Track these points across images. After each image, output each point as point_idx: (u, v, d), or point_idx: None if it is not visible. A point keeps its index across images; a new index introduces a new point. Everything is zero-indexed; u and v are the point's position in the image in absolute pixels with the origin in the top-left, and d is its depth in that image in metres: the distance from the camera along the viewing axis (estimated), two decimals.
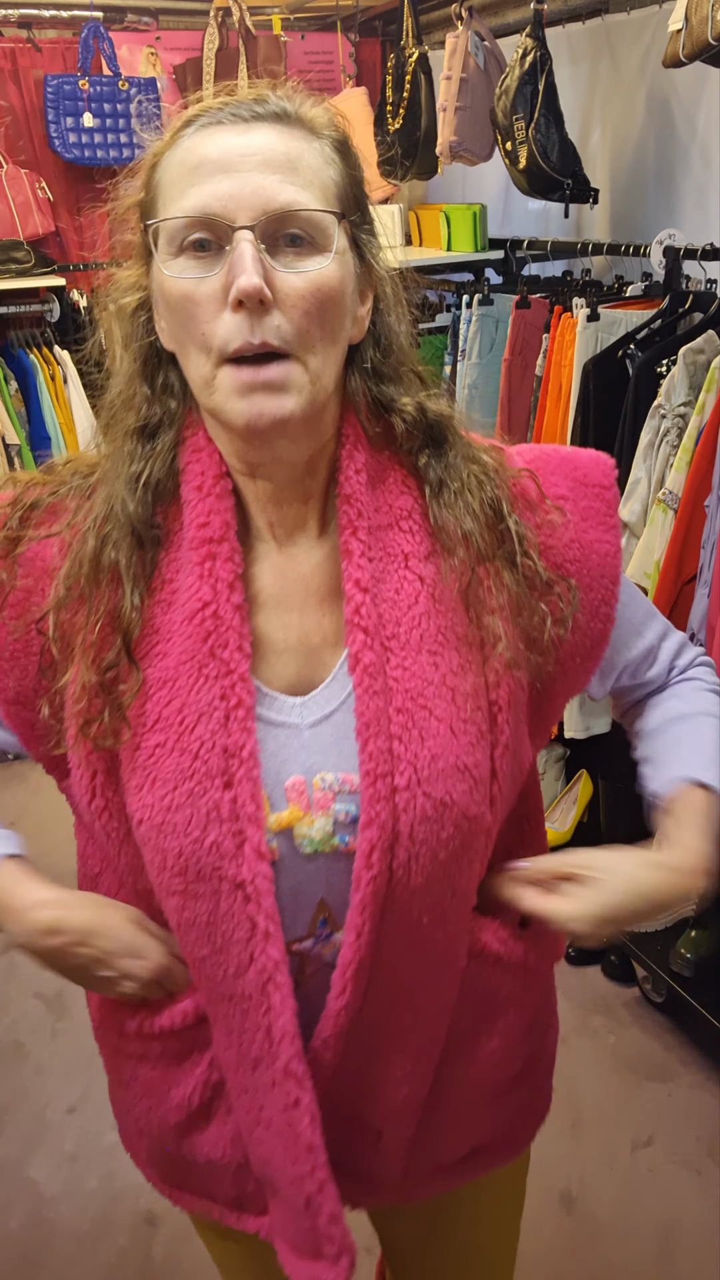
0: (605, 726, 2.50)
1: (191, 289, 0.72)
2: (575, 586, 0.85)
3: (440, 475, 0.82)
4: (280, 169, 0.71)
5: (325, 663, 0.82)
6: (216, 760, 0.76)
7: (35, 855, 2.20)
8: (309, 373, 0.73)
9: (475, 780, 0.79)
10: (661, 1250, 1.84)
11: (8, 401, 3.21)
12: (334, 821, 0.79)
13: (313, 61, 3.69)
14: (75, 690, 0.80)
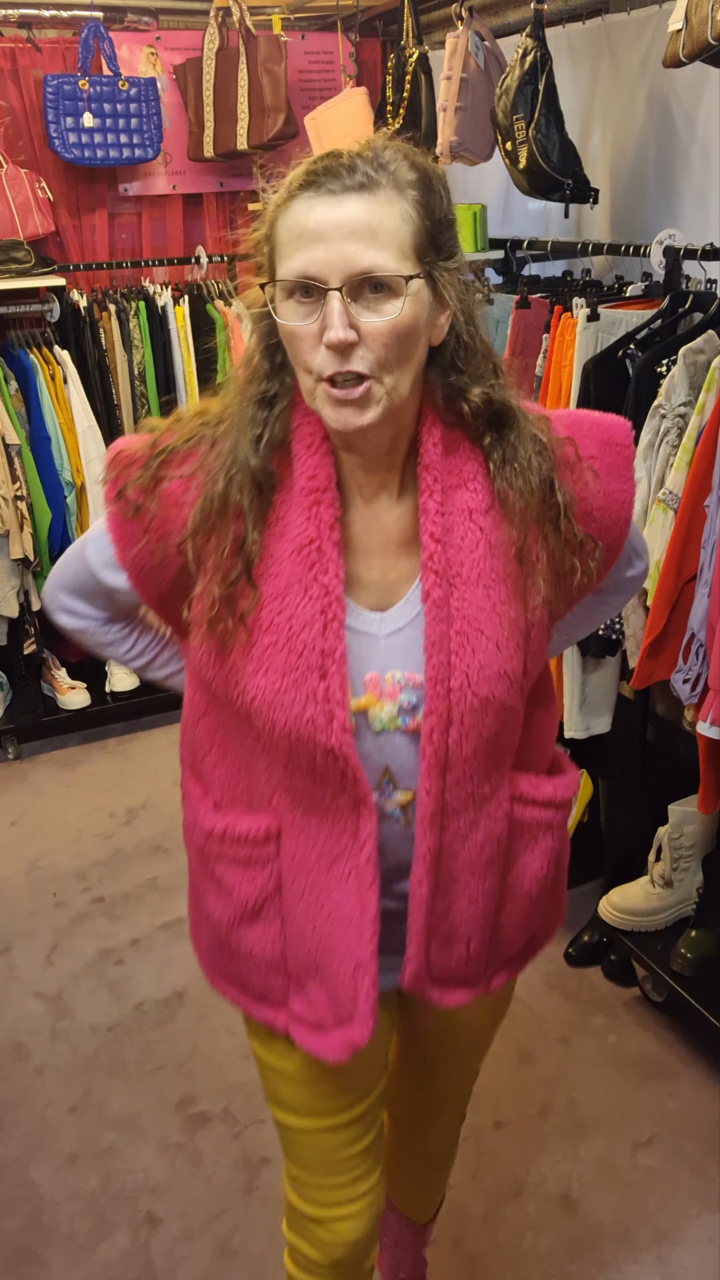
0: (605, 726, 2.50)
1: (297, 329, 0.93)
2: (601, 546, 1.08)
3: (502, 453, 1.03)
4: (363, 237, 0.90)
5: (399, 590, 1.06)
6: (315, 658, 1.01)
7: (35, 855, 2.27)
8: (385, 387, 0.95)
9: (511, 681, 1.05)
10: (661, 1251, 1.84)
11: (8, 401, 3.21)
12: (399, 708, 1.05)
13: (313, 61, 3.69)
14: (205, 599, 1.03)
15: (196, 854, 1.19)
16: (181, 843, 2.79)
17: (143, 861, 2.99)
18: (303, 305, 0.93)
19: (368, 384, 0.93)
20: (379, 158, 0.92)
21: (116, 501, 1.06)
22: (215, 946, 1.21)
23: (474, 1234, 1.88)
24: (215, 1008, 2.43)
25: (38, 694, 3.63)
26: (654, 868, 2.35)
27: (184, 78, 3.48)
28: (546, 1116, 2.11)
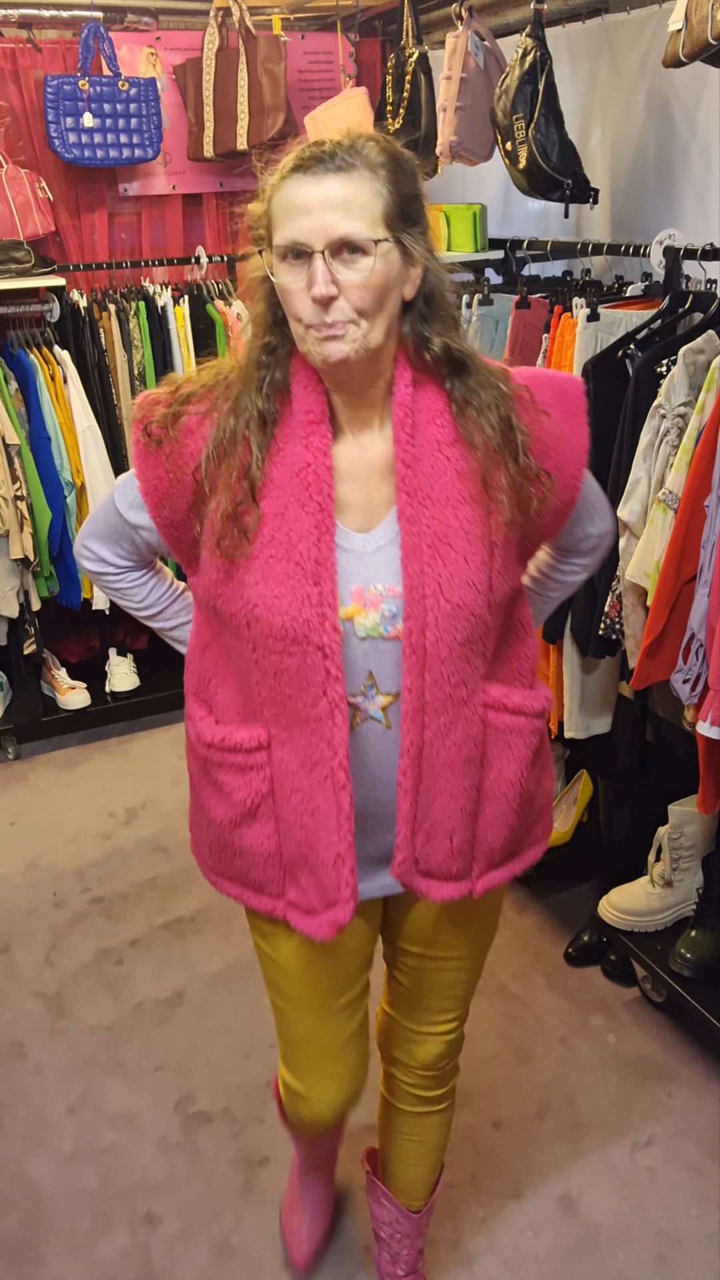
0: (605, 726, 2.50)
1: (289, 285, 1.12)
2: (554, 479, 1.24)
3: (463, 394, 1.20)
4: (340, 210, 1.09)
5: (380, 514, 1.22)
6: (310, 567, 1.17)
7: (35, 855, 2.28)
8: (360, 330, 1.12)
9: (479, 591, 1.20)
10: (661, 1252, 1.84)
11: (8, 401, 3.21)
12: (381, 616, 1.20)
13: (313, 61, 3.69)
14: (215, 518, 1.20)
15: (199, 766, 1.35)
16: (180, 842, 2.83)
17: (142, 861, 2.99)
18: (294, 266, 1.12)
19: (344, 327, 1.12)
20: (355, 145, 1.11)
21: (141, 436, 1.23)
22: (217, 849, 1.38)
23: (473, 1234, 1.88)
24: (214, 1007, 2.43)
25: (38, 694, 3.63)
26: (654, 868, 2.35)
27: (184, 78, 3.48)
28: (546, 1117, 2.11)
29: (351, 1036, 1.45)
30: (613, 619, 2.20)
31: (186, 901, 2.81)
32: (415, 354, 1.20)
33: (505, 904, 2.73)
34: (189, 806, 1.46)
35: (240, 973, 2.54)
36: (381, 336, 1.15)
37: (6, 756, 3.58)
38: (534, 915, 2.69)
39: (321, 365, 1.15)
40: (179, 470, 1.21)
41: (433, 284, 1.19)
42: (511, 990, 2.44)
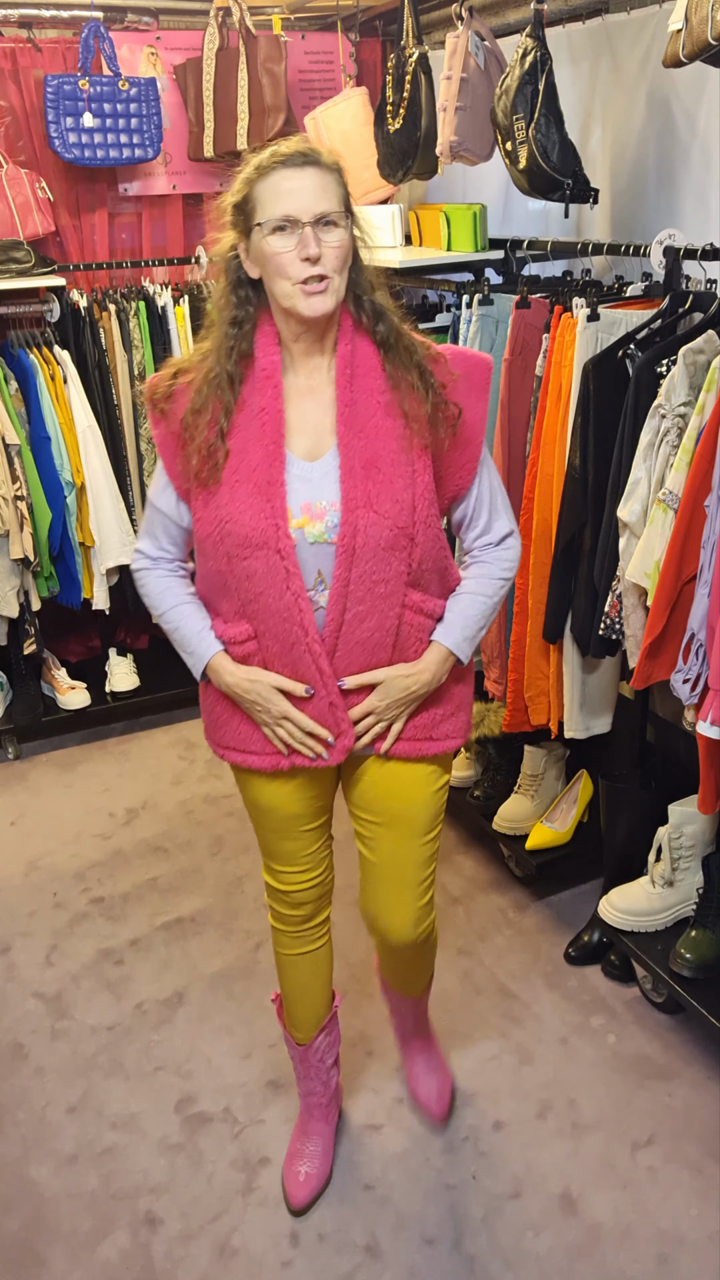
0: (605, 726, 2.50)
1: (282, 249, 1.43)
2: (461, 409, 1.55)
3: (385, 336, 1.53)
4: (317, 192, 1.43)
5: (326, 445, 1.53)
6: (264, 488, 1.50)
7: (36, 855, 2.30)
8: (335, 285, 1.45)
9: (402, 505, 1.52)
10: (662, 1251, 1.84)
11: (8, 401, 3.21)
12: (325, 525, 1.51)
13: (313, 61, 3.69)
14: (195, 459, 1.53)
15: None
16: (180, 843, 2.84)
17: (142, 862, 2.99)
18: (284, 237, 1.42)
19: (326, 281, 1.44)
20: (314, 149, 1.44)
21: (151, 409, 1.58)
22: (220, 724, 1.71)
23: (473, 1234, 1.88)
24: (215, 1008, 2.44)
25: (38, 694, 3.63)
26: (654, 868, 2.35)
27: (184, 78, 3.48)
28: (546, 1117, 2.11)
29: (315, 851, 1.80)
30: (613, 619, 2.20)
31: (187, 902, 2.81)
32: (355, 312, 1.53)
33: (505, 903, 2.73)
34: (200, 702, 1.78)
35: (240, 973, 2.54)
36: (343, 293, 1.48)
37: (7, 756, 3.58)
38: (534, 915, 2.69)
39: (308, 317, 1.45)
40: (175, 426, 1.55)
41: (361, 258, 1.53)
42: (511, 990, 2.44)
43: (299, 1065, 2.00)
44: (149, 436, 3.46)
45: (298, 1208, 1.94)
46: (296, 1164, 1.99)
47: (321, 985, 1.94)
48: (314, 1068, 1.99)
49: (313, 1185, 1.96)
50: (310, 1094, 2.02)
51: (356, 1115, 2.14)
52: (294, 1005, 1.95)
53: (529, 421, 2.44)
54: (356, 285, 1.51)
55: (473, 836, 3.02)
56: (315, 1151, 2.00)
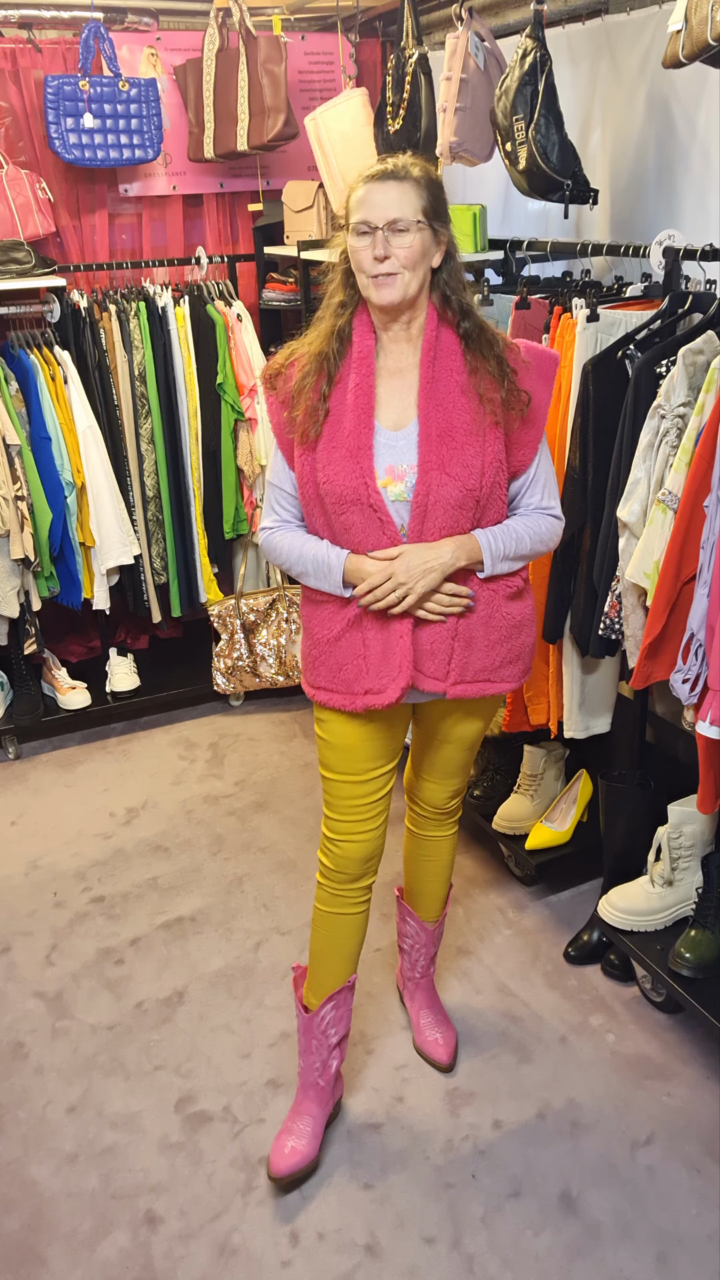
0: (605, 726, 2.50)
1: (360, 248, 1.68)
2: (530, 396, 1.75)
3: (468, 330, 1.73)
4: (394, 203, 1.66)
5: (409, 417, 1.74)
6: (354, 452, 1.72)
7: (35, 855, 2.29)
8: (403, 280, 1.67)
9: (471, 470, 1.72)
10: (661, 1251, 1.84)
11: (8, 401, 3.21)
12: (405, 486, 1.72)
13: (313, 62, 3.69)
14: (301, 416, 1.76)
15: (312, 609, 1.88)
16: (180, 843, 2.86)
17: (142, 861, 2.99)
18: (364, 237, 1.67)
19: (395, 277, 1.66)
20: (402, 166, 1.69)
21: (265, 386, 1.82)
22: (316, 664, 1.88)
23: (473, 1234, 1.89)
24: (214, 1007, 2.44)
25: (38, 694, 3.64)
26: (654, 868, 2.35)
27: (184, 78, 3.48)
28: (545, 1116, 2.11)
29: (376, 802, 1.93)
30: (612, 619, 2.20)
31: (187, 901, 2.81)
32: (441, 307, 1.74)
33: (505, 903, 2.74)
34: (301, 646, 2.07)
35: (241, 972, 2.54)
36: (416, 288, 1.69)
37: (7, 756, 3.58)
38: (534, 915, 2.69)
39: (378, 304, 1.68)
40: (285, 395, 1.78)
41: (453, 259, 1.74)
42: (511, 990, 2.44)
43: (303, 1036, 2.03)
44: (149, 436, 3.47)
45: (278, 1175, 1.96)
46: (284, 1139, 2.01)
47: (349, 952, 2.01)
48: (317, 1040, 2.01)
49: (296, 1159, 1.98)
50: (309, 1071, 2.04)
51: (357, 1114, 2.14)
52: (317, 966, 2.01)
53: None
54: (446, 285, 1.73)
55: (472, 836, 3.02)
56: (305, 1130, 2.02)
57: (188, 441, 3.53)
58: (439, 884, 2.21)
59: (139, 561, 3.53)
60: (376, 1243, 1.88)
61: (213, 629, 3.71)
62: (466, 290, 1.76)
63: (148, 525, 3.54)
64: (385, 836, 1.98)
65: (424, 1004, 2.32)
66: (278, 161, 3.73)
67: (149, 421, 3.46)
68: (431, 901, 2.23)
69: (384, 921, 2.67)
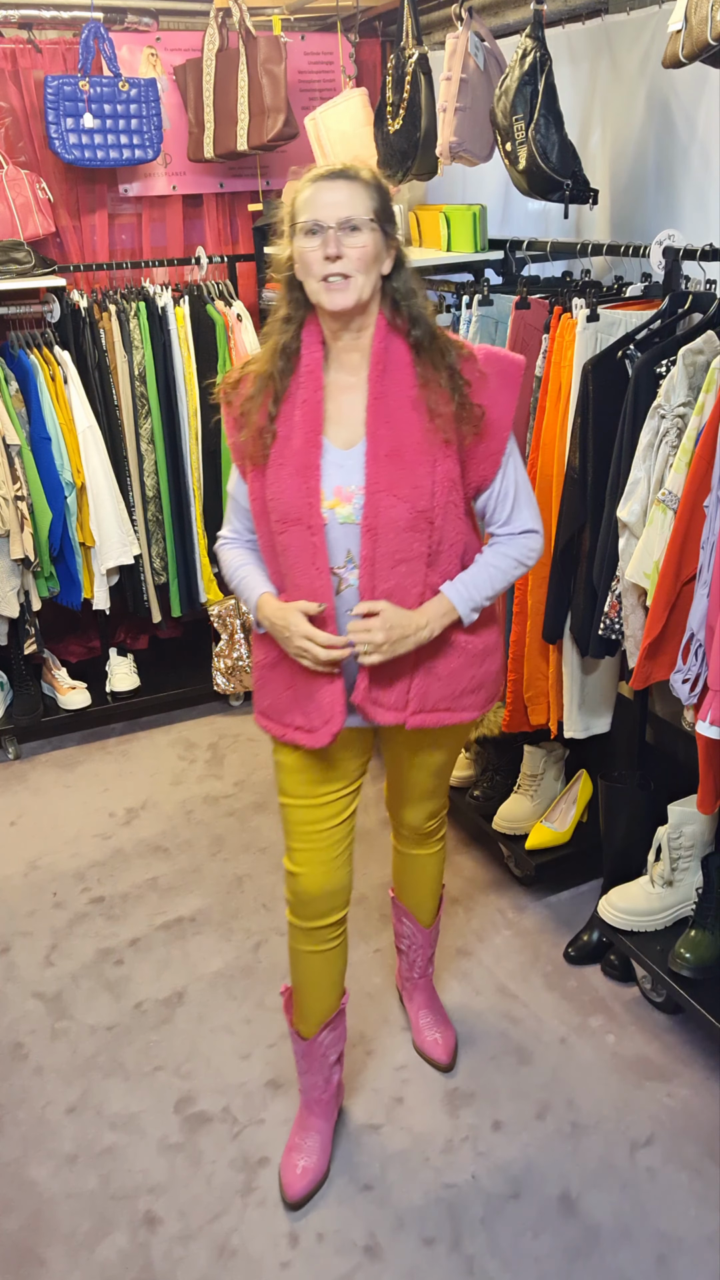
0: (605, 726, 2.50)
1: (308, 247, 1.58)
2: (484, 412, 1.66)
3: (418, 339, 1.65)
4: (344, 202, 1.57)
5: (359, 434, 1.66)
6: (302, 470, 1.65)
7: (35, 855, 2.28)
8: (356, 284, 1.58)
9: (421, 491, 1.64)
10: (660, 1252, 1.84)
11: (8, 401, 3.21)
12: (353, 507, 1.65)
13: (313, 62, 3.69)
14: (248, 439, 1.71)
15: (259, 640, 1.84)
16: (180, 843, 2.86)
17: (142, 862, 2.99)
18: (313, 237, 1.57)
19: (348, 280, 1.57)
20: (350, 166, 1.60)
21: (222, 399, 1.76)
22: (258, 689, 1.86)
23: (473, 1235, 1.88)
24: (214, 1007, 2.44)
25: (38, 694, 3.63)
26: (654, 868, 2.35)
27: (184, 78, 3.48)
28: (545, 1117, 2.11)
29: (334, 829, 1.86)
30: (612, 619, 2.20)
31: (186, 902, 2.81)
32: (391, 315, 1.66)
33: (505, 903, 2.73)
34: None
35: (240, 973, 2.54)
36: (369, 293, 1.60)
37: (7, 756, 3.58)
38: (534, 915, 2.69)
39: (330, 309, 1.59)
40: (236, 411, 1.73)
41: (403, 264, 1.66)
42: (511, 990, 2.44)
43: (301, 1060, 2.00)
44: (149, 436, 3.46)
45: (294, 1200, 1.94)
46: (294, 1157, 1.99)
47: (331, 984, 1.96)
48: (316, 1063, 1.99)
49: (309, 1179, 1.96)
50: (311, 1089, 2.02)
51: (356, 1115, 2.14)
52: (303, 999, 1.96)
53: (529, 422, 2.44)
54: (398, 292, 1.64)
55: (472, 836, 3.02)
56: (313, 1147, 2.00)
57: (188, 441, 3.52)
58: (429, 894, 2.21)
59: (139, 561, 3.53)
60: (376, 1244, 1.88)
61: (213, 629, 3.71)
62: (419, 296, 1.67)
63: (148, 525, 3.54)
64: (350, 868, 1.91)
65: (423, 1004, 2.31)
66: (278, 161, 3.73)
67: (149, 421, 3.46)
68: (425, 908, 2.22)
69: (383, 922, 2.67)
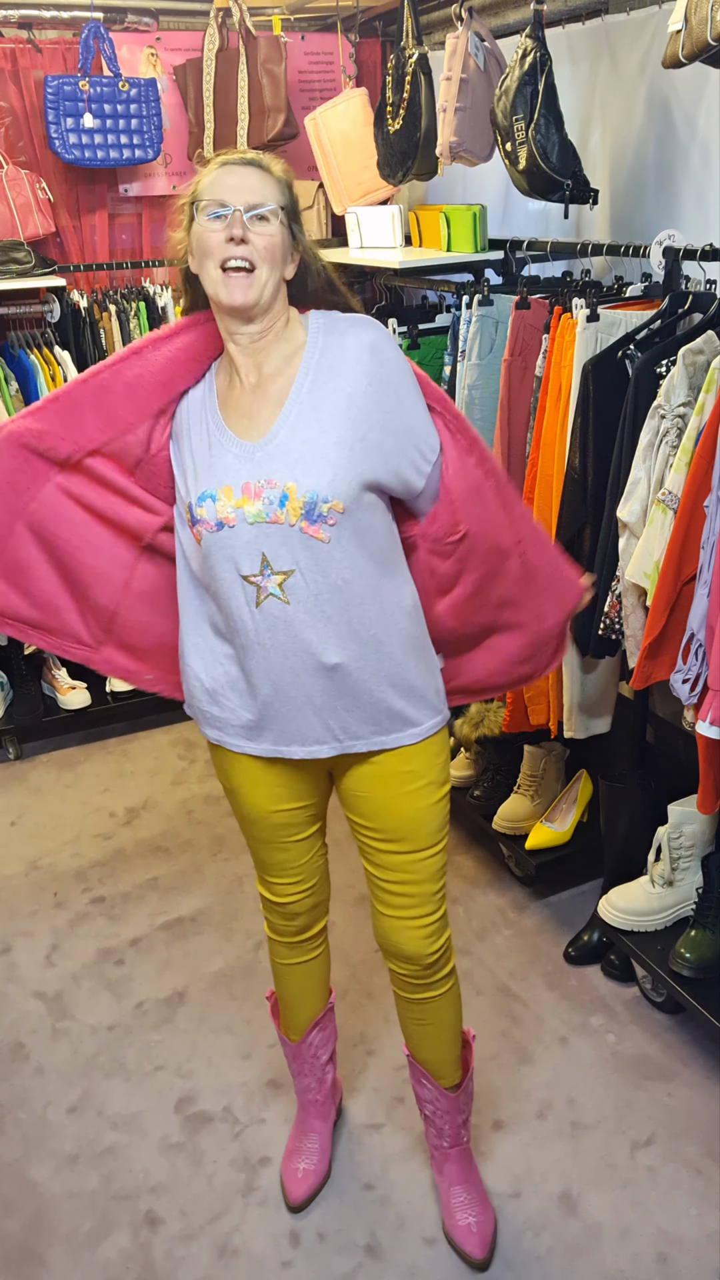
0: (605, 727, 2.50)
1: (210, 229, 1.43)
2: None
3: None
4: (255, 188, 1.45)
5: (264, 429, 1.49)
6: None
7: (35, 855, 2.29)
8: (260, 278, 1.44)
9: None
10: (661, 1251, 1.84)
11: (8, 402, 3.21)
12: (263, 504, 1.46)
13: (313, 62, 3.69)
14: None
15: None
16: (180, 843, 2.83)
17: (143, 862, 2.99)
18: (216, 220, 1.43)
19: (252, 274, 1.43)
20: (262, 157, 1.49)
21: None
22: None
23: None
24: (215, 1007, 2.44)
25: (38, 694, 3.64)
26: (654, 868, 2.35)
27: (184, 78, 3.48)
28: (546, 1117, 2.11)
29: (307, 862, 1.78)
30: (612, 619, 2.20)
31: (187, 901, 2.81)
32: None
33: (505, 904, 2.73)
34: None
35: (241, 973, 2.54)
36: (272, 292, 1.46)
37: (7, 756, 3.58)
38: (534, 915, 2.69)
39: (228, 307, 1.44)
40: None
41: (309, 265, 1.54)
42: (511, 990, 2.44)
43: (293, 1062, 2.00)
44: None
45: (296, 1204, 1.94)
46: (295, 1161, 1.99)
47: (316, 991, 1.94)
48: (308, 1064, 1.99)
49: (311, 1182, 1.96)
50: (306, 1091, 2.02)
51: (356, 1115, 2.14)
52: (288, 1008, 1.95)
53: (529, 422, 2.44)
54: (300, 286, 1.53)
55: (472, 836, 3.02)
56: (313, 1149, 2.00)
57: None
58: (447, 1046, 1.82)
59: None
60: (377, 1243, 1.88)
61: None
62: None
63: None
64: (329, 881, 1.85)
65: (456, 1179, 1.91)
66: None
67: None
68: (446, 1066, 1.83)
69: None
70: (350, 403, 1.47)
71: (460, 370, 2.65)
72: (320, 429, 1.46)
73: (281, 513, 1.45)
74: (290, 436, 1.47)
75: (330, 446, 1.45)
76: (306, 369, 1.49)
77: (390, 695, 1.57)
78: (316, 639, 1.51)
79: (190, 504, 1.50)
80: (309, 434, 1.46)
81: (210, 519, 1.48)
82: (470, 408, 2.63)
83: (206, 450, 1.51)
